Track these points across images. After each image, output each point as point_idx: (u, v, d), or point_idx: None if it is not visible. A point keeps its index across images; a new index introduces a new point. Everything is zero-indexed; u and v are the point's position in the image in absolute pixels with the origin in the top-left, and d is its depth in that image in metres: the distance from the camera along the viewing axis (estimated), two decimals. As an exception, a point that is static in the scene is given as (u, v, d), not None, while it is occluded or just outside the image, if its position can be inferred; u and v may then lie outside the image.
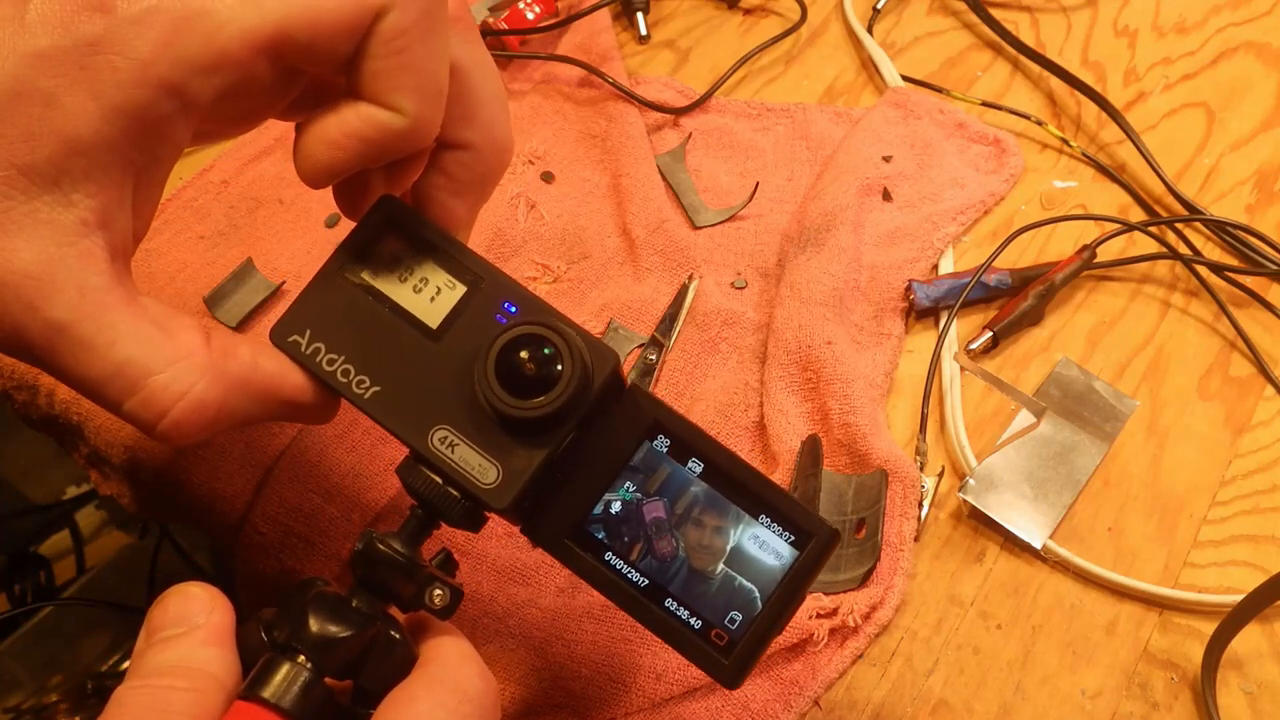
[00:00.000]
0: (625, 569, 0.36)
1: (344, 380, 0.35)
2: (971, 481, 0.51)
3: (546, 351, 0.34)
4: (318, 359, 0.35)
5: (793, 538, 0.35)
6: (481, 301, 0.36)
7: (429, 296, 0.36)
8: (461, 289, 0.36)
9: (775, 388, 0.54)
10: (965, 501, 0.51)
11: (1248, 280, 0.60)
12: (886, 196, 0.62)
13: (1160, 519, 0.52)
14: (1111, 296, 0.60)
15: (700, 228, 0.62)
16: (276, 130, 0.65)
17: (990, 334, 0.57)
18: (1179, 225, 0.63)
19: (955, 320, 0.58)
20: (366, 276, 0.36)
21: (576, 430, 0.35)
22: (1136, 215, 0.64)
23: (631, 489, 0.36)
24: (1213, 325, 0.59)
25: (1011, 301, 0.58)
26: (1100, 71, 0.71)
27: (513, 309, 0.36)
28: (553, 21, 0.70)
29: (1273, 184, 0.65)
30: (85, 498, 1.03)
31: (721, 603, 0.35)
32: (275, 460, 0.52)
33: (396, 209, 0.37)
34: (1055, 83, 0.70)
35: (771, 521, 0.36)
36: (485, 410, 0.34)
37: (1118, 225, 0.60)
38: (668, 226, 0.61)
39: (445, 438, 0.35)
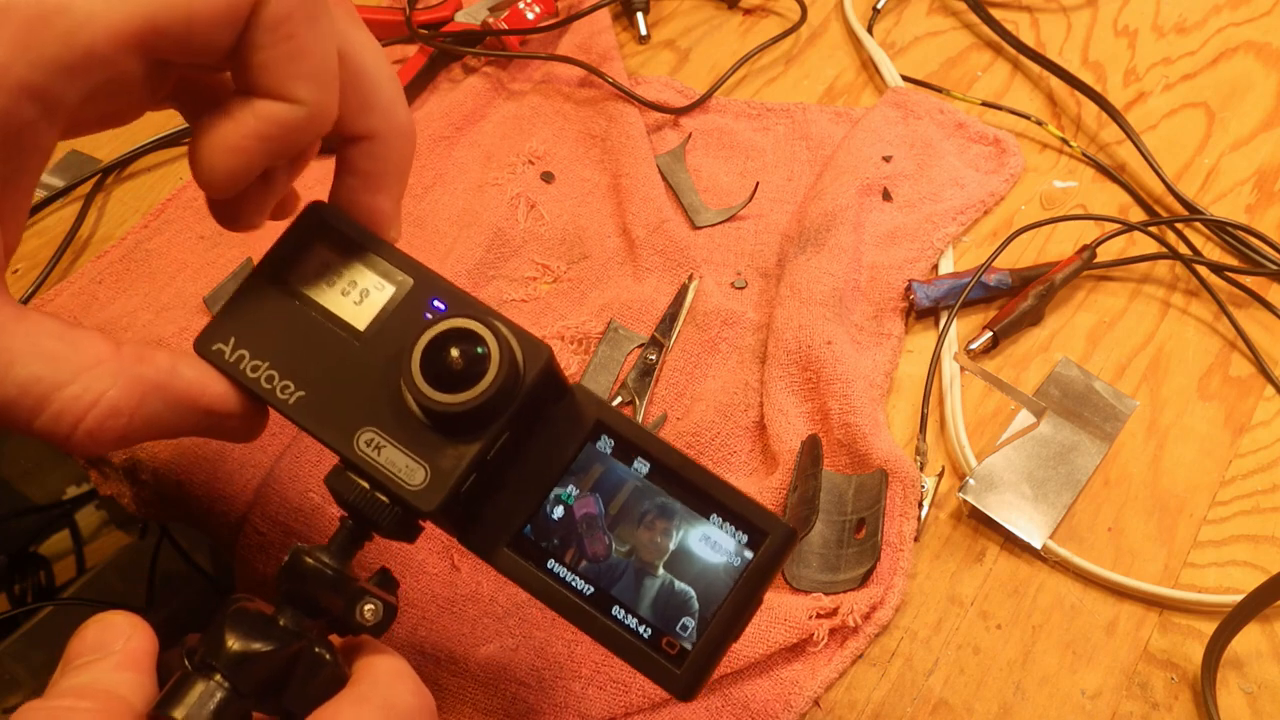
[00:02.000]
0: (569, 577, 0.34)
1: (268, 387, 0.34)
2: (971, 481, 0.51)
3: (474, 346, 0.32)
4: (241, 366, 0.34)
5: (747, 537, 0.33)
6: (410, 301, 0.35)
7: (356, 299, 0.35)
8: (390, 289, 0.35)
9: (775, 388, 0.54)
10: (965, 501, 0.51)
11: (1248, 280, 0.60)
12: (886, 196, 0.62)
13: (1160, 519, 0.52)
14: (1111, 296, 0.60)
15: (700, 228, 0.62)
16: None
17: (990, 334, 0.57)
18: (1179, 225, 0.63)
19: (955, 320, 0.58)
20: (293, 283, 0.35)
21: (512, 431, 0.34)
22: (1136, 215, 0.64)
23: (575, 493, 0.34)
24: (1213, 325, 0.59)
25: (1011, 301, 0.58)
26: (1100, 71, 0.71)
27: (441, 306, 0.35)
28: (553, 21, 0.70)
29: (1273, 184, 0.65)
30: (85, 498, 1.03)
31: (672, 609, 0.33)
32: (275, 460, 0.52)
33: (323, 213, 0.36)
34: (1055, 83, 0.70)
35: (724, 521, 0.34)
36: (413, 410, 0.33)
37: (1118, 225, 0.60)
38: (668, 226, 0.61)
39: (372, 440, 0.33)
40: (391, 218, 0.38)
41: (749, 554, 0.33)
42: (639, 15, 0.72)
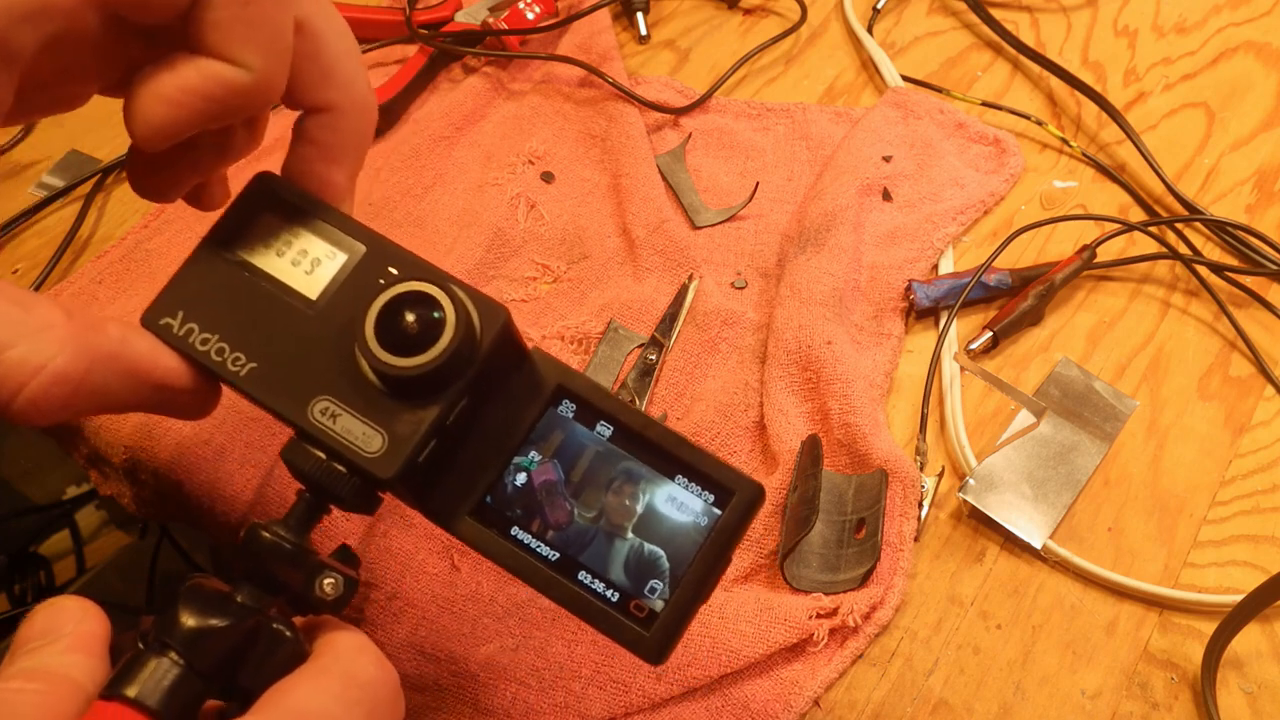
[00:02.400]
0: (533, 543, 0.33)
1: (219, 360, 0.33)
2: (971, 481, 0.51)
3: (429, 309, 0.32)
4: (191, 340, 0.34)
5: (714, 497, 0.33)
6: (362, 268, 0.34)
7: (308, 269, 0.34)
8: (342, 258, 0.34)
9: (775, 388, 0.54)
10: (965, 501, 0.51)
11: (1248, 280, 0.60)
12: (886, 196, 0.62)
13: (1160, 519, 0.52)
14: (1111, 296, 0.60)
15: (700, 228, 0.62)
16: (277, 129, 0.65)
17: (990, 334, 0.57)
18: (1179, 225, 0.63)
19: (955, 320, 0.58)
20: (243, 254, 0.35)
21: (471, 397, 0.33)
22: (1136, 215, 0.64)
23: (537, 459, 0.34)
24: (1213, 325, 0.59)
25: (1011, 301, 0.58)
26: (1100, 71, 0.71)
27: (395, 272, 0.34)
28: (553, 21, 0.70)
29: (1273, 184, 0.65)
30: (85, 498, 1.03)
31: (640, 572, 0.32)
32: (275, 460, 0.52)
33: (272, 184, 0.35)
34: (1055, 83, 0.70)
35: (689, 482, 0.33)
36: (368, 377, 0.32)
37: (1118, 225, 0.60)
38: (668, 226, 0.61)
39: (327, 409, 0.33)
40: (345, 192, 0.37)
41: (716, 513, 0.33)
42: (639, 15, 0.72)
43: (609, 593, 0.33)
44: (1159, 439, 0.55)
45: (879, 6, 0.73)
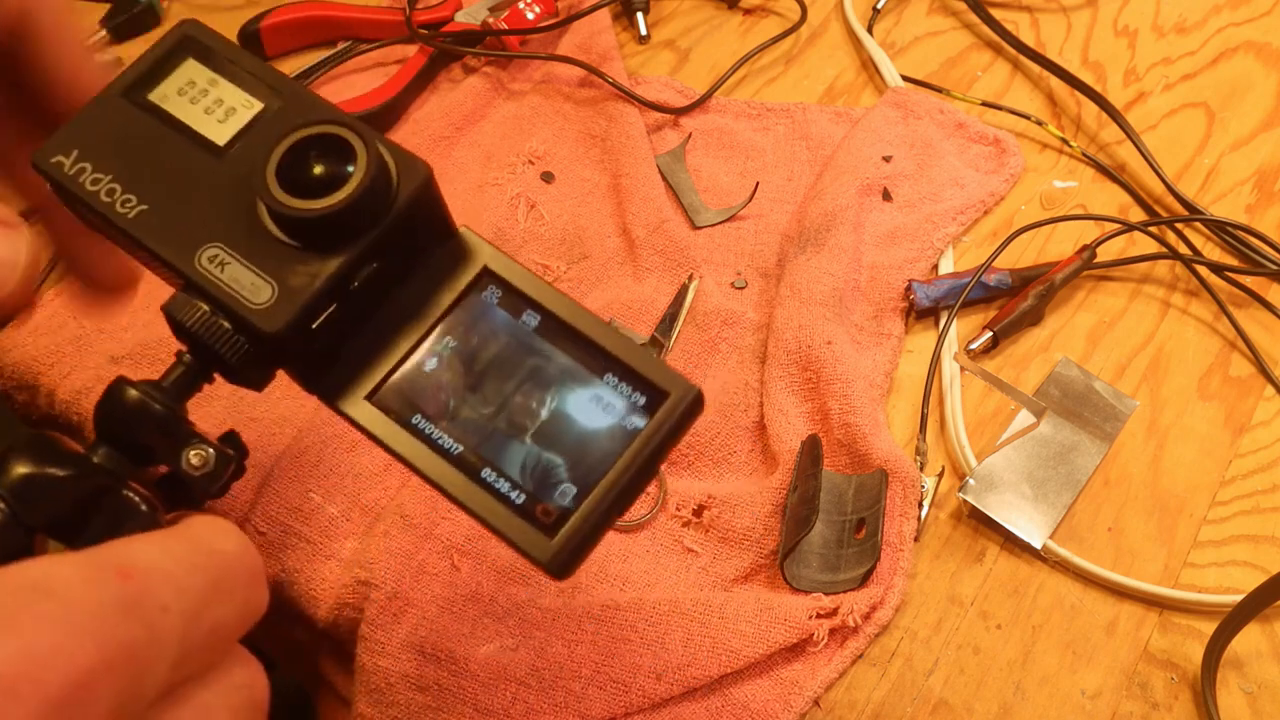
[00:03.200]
0: (436, 434, 0.30)
1: (107, 200, 0.31)
2: (971, 481, 0.51)
3: (340, 154, 0.29)
4: (81, 179, 0.31)
5: (645, 399, 0.30)
6: (277, 115, 0.31)
7: (221, 117, 0.32)
8: (258, 105, 0.32)
9: (775, 388, 0.54)
10: (965, 501, 0.51)
11: (1248, 280, 0.60)
12: (886, 196, 0.62)
13: (1160, 519, 0.52)
14: (1111, 296, 0.60)
15: (700, 228, 0.62)
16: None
17: (990, 334, 0.57)
18: (1179, 225, 0.63)
19: (955, 320, 0.58)
20: (153, 98, 0.32)
21: (382, 263, 0.30)
22: (1136, 215, 0.64)
23: (452, 344, 0.31)
24: (1213, 325, 0.59)
25: (1011, 301, 0.58)
26: (1100, 71, 0.71)
27: (310, 119, 0.31)
28: (553, 21, 0.70)
29: (1273, 184, 0.65)
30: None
31: (552, 475, 0.29)
32: (275, 460, 0.52)
33: (195, 29, 0.33)
34: (1055, 83, 0.70)
35: (619, 381, 0.30)
36: (267, 226, 0.30)
37: (1118, 225, 0.60)
38: (668, 226, 0.61)
39: (216, 256, 0.30)
40: (98, 76, 0.33)
41: (646, 417, 0.30)
42: (639, 15, 0.72)
43: (514, 494, 0.29)
44: (1159, 439, 0.55)
45: (879, 6, 0.73)
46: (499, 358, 0.31)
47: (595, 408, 0.30)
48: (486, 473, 0.30)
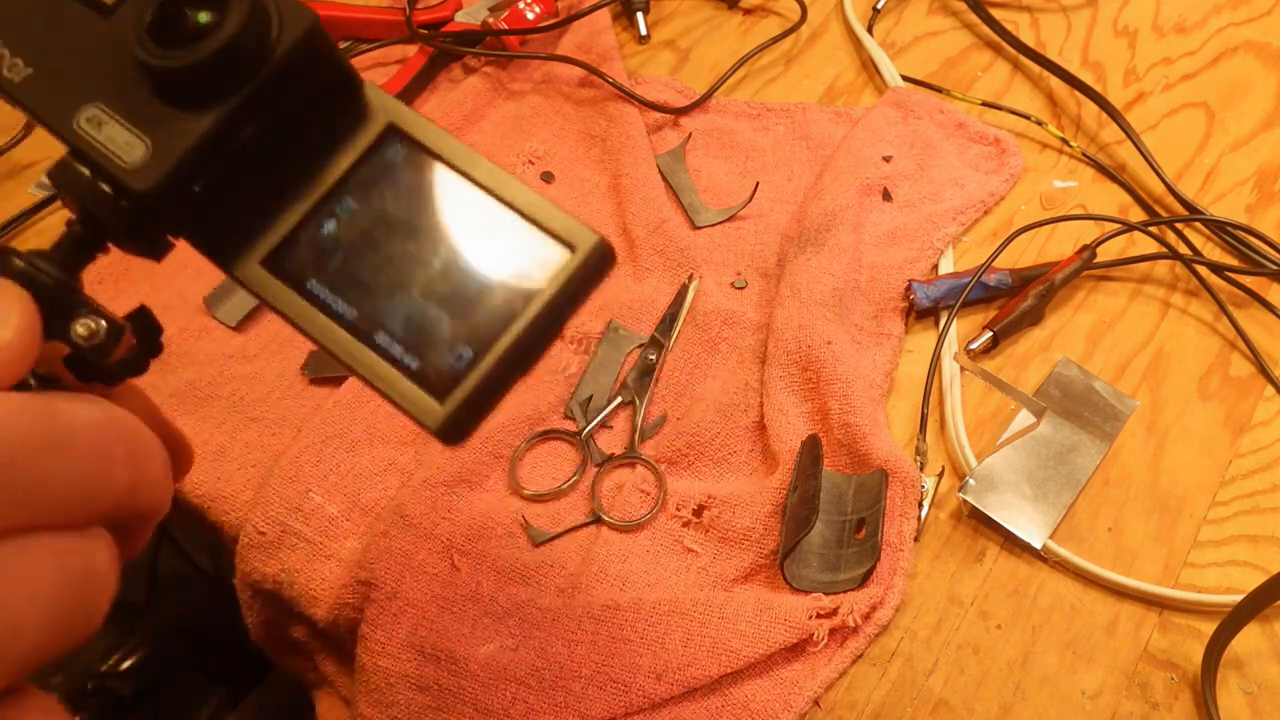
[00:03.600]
0: (330, 299, 0.29)
1: None
2: (971, 481, 0.51)
3: (217, 4, 0.28)
4: None
5: (549, 255, 0.28)
6: None
7: None
8: None
9: (775, 388, 0.54)
10: (965, 501, 0.51)
11: (1248, 280, 0.60)
12: (886, 196, 0.62)
13: (1160, 519, 0.52)
14: (1111, 296, 0.60)
15: (700, 228, 0.62)
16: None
17: (990, 334, 0.57)
18: (1179, 225, 0.63)
19: (955, 320, 0.58)
20: None
21: (269, 119, 0.29)
22: (1136, 215, 0.64)
23: (352, 206, 0.30)
24: (1213, 325, 0.59)
25: (1011, 301, 0.58)
26: (1100, 71, 0.71)
27: None
28: (553, 21, 0.70)
29: (1273, 184, 0.65)
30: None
31: (447, 337, 0.28)
32: (275, 460, 0.52)
33: None
34: (1055, 83, 0.70)
35: (524, 236, 0.29)
36: (142, 80, 0.29)
37: (1118, 225, 0.60)
38: (668, 226, 0.61)
39: (94, 117, 0.29)
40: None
41: (548, 273, 0.28)
42: (639, 15, 0.72)
43: (407, 357, 0.28)
44: (1159, 439, 0.55)
45: (879, 6, 0.73)
46: (399, 218, 0.30)
47: (497, 266, 0.28)
48: (380, 336, 0.29)
